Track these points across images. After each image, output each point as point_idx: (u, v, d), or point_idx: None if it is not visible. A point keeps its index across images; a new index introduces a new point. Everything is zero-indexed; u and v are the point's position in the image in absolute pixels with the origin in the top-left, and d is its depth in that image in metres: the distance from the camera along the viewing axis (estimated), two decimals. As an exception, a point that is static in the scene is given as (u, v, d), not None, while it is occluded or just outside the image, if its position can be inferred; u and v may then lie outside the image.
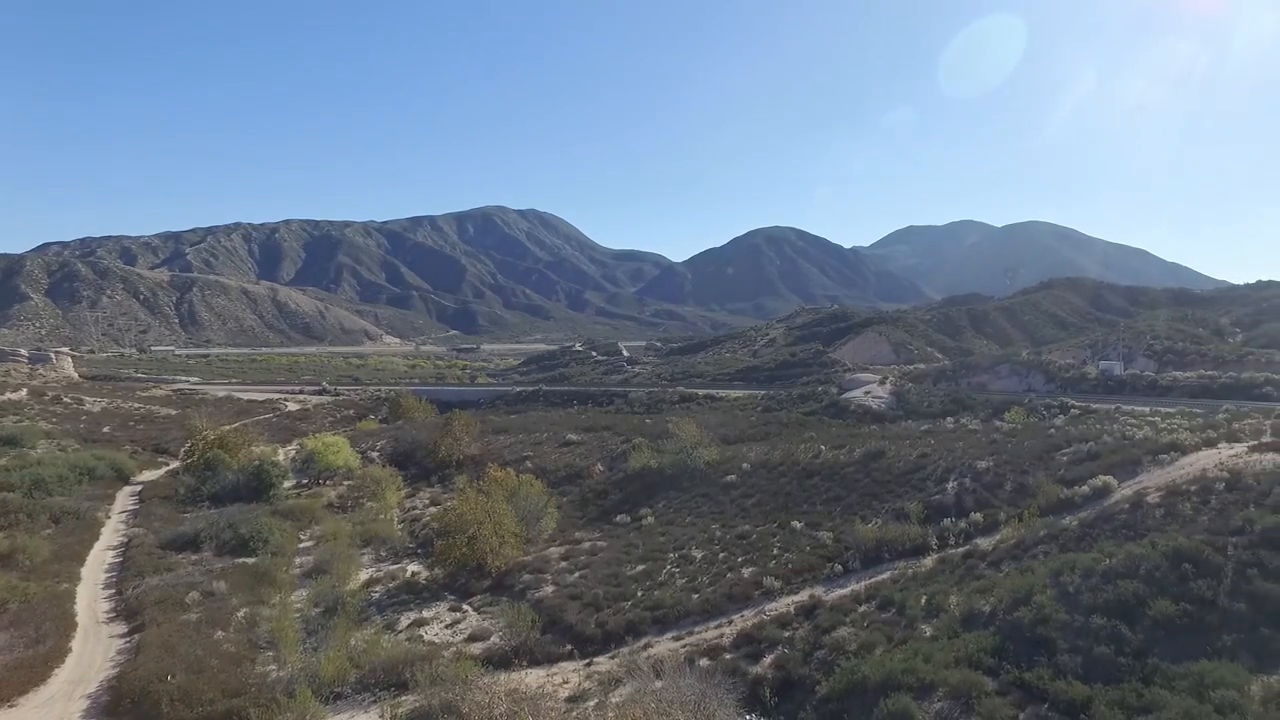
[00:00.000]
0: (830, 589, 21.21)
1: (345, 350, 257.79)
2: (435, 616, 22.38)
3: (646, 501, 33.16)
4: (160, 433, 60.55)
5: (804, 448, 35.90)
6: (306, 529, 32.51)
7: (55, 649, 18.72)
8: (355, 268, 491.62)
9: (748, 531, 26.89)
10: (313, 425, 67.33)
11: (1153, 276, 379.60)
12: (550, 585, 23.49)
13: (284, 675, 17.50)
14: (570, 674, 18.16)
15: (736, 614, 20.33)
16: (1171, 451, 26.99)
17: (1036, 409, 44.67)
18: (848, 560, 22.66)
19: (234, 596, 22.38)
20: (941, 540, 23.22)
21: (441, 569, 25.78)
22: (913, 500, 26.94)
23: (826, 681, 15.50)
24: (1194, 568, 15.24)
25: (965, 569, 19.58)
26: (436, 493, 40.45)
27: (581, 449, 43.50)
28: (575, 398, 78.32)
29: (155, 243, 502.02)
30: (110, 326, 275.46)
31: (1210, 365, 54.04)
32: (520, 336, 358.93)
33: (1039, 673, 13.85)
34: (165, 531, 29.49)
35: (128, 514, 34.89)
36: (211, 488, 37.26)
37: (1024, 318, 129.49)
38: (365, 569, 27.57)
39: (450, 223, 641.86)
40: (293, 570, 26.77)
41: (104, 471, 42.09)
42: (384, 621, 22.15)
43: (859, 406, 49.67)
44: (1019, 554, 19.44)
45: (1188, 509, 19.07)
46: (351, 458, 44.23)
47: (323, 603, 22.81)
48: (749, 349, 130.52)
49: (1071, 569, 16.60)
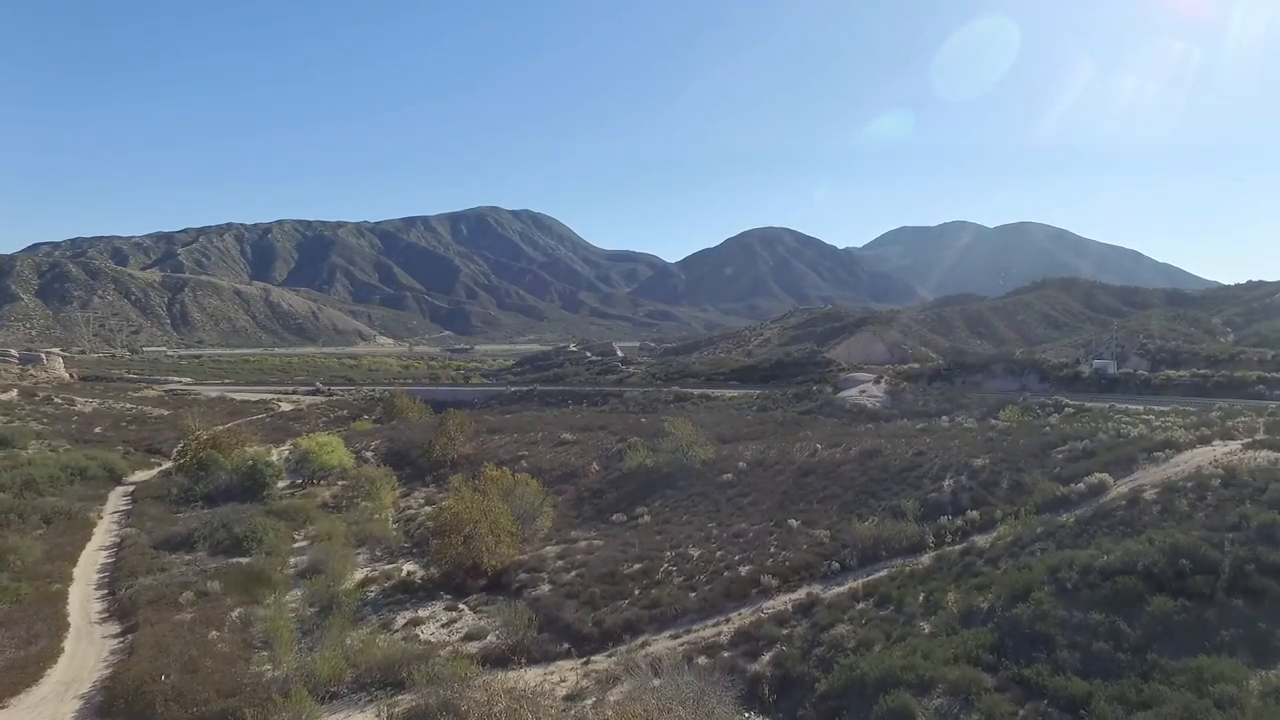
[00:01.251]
0: (828, 587, 21.18)
1: (339, 351, 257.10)
2: (431, 616, 22.25)
3: (643, 500, 33.08)
4: (153, 433, 60.19)
5: (800, 446, 35.88)
6: (301, 529, 32.31)
7: (47, 649, 18.52)
8: (348, 268, 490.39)
9: (744, 530, 26.83)
10: (306, 425, 67.03)
11: (1145, 277, 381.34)
12: (547, 584, 23.39)
13: (279, 675, 17.36)
14: (568, 672, 18.08)
15: (734, 612, 20.27)
16: (1166, 449, 27.06)
17: (1031, 407, 44.70)
18: (845, 558, 22.63)
19: (228, 596, 22.20)
20: (938, 538, 23.21)
21: (437, 568, 25.63)
22: (909, 498, 26.90)
23: (825, 679, 15.46)
24: (1191, 564, 15.26)
25: (963, 566, 19.57)
26: (431, 492, 40.29)
27: (577, 448, 43.40)
28: (570, 397, 78.15)
29: (147, 243, 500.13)
30: (101, 327, 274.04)
31: (1203, 364, 54.21)
32: (514, 337, 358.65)
33: (1038, 669, 13.84)
34: (158, 531, 29.25)
35: (120, 514, 34.61)
36: (205, 488, 37.00)
37: (1018, 318, 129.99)
38: (360, 569, 27.42)
39: (444, 223, 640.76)
40: (287, 570, 26.58)
41: (96, 472, 41.80)
42: (380, 621, 22.01)
43: (854, 405, 49.69)
44: (1017, 551, 19.43)
45: (1184, 505, 19.11)
46: (346, 457, 44.01)
47: (318, 602, 22.65)
48: (743, 349, 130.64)
49: (1069, 566, 16.60)
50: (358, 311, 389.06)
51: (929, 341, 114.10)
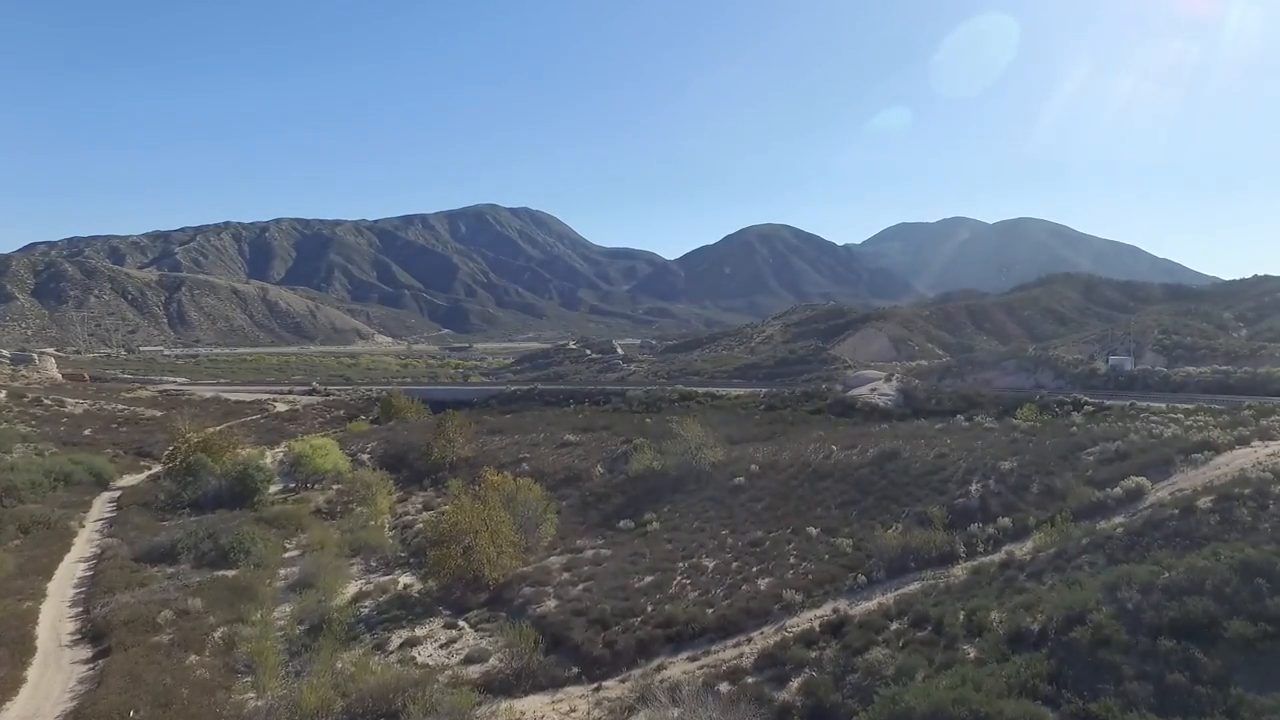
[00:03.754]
0: (854, 601, 19.74)
1: (337, 350, 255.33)
2: (429, 635, 20.75)
3: (650, 506, 31.60)
4: (144, 435, 58.59)
5: (814, 448, 34.44)
6: (292, 537, 30.82)
7: (8, 679, 16.96)
8: (346, 266, 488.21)
9: (760, 538, 25.37)
10: (302, 426, 65.50)
11: (1143, 272, 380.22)
12: (552, 599, 21.88)
13: (263, 705, 15.90)
14: (578, 700, 16.61)
15: (755, 630, 18.81)
16: (1204, 450, 25.69)
17: (1049, 406, 43.28)
18: (871, 570, 21.20)
19: (211, 614, 20.70)
20: (969, 547, 21.80)
21: (435, 581, 24.20)
22: (934, 504, 25.48)
23: (865, 712, 13.98)
24: (1268, 583, 13.81)
25: (1004, 581, 18.10)
26: (430, 497, 38.82)
27: (580, 450, 41.91)
28: (571, 397, 76.53)
29: (144, 242, 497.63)
30: (98, 327, 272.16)
31: (1222, 360, 52.87)
32: (513, 335, 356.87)
33: (1105, 703, 12.37)
34: (141, 542, 27.70)
35: (104, 522, 33.10)
36: (193, 493, 35.50)
37: (1023, 313, 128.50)
38: (354, 581, 25.93)
39: (442, 221, 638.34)
40: (276, 583, 25.12)
41: (81, 476, 40.31)
42: (373, 640, 20.52)
43: (866, 404, 48.22)
44: (1062, 564, 17.97)
45: (1245, 515, 17.66)
46: (341, 461, 42.51)
47: (307, 620, 21.19)
48: (746, 346, 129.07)
49: (1128, 583, 15.13)
50: (356, 310, 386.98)
51: (934, 337, 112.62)
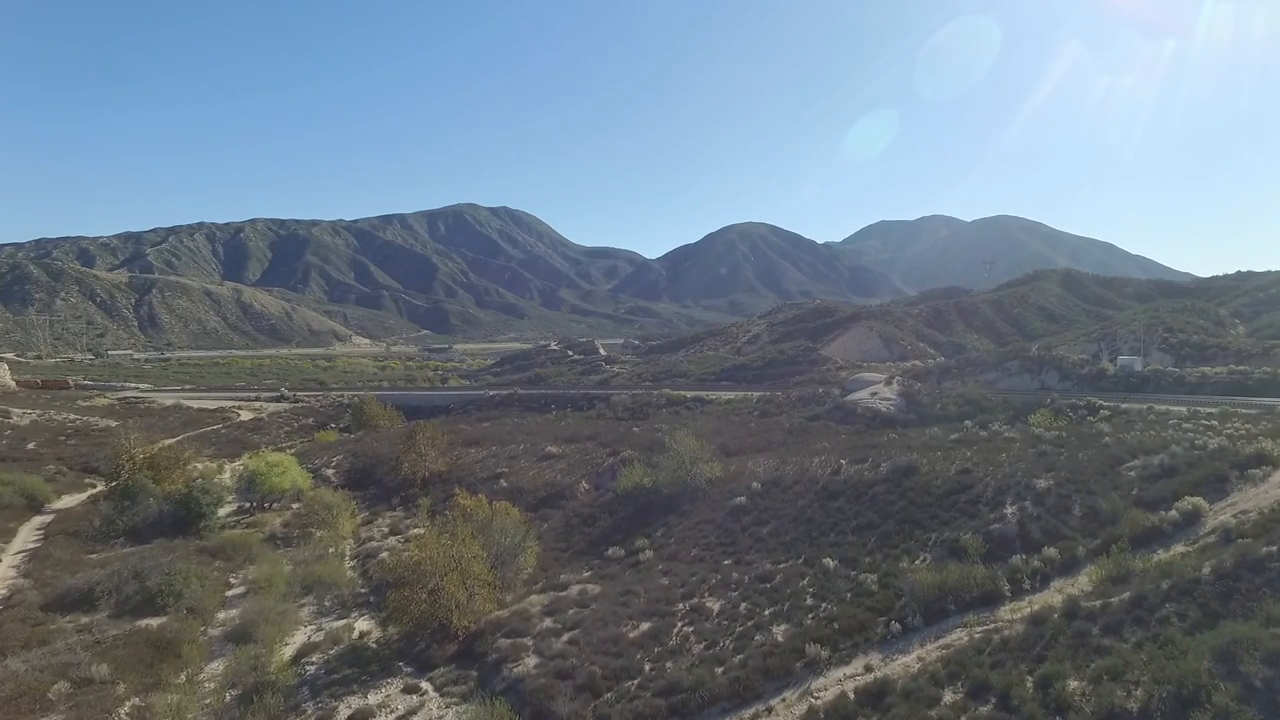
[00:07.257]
0: (889, 655, 16.70)
1: (313, 352, 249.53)
2: (384, 703, 17.33)
3: (642, 529, 28.42)
4: (94, 448, 54.42)
5: (819, 461, 31.40)
6: (239, 570, 27.31)
7: None
8: (323, 267, 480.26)
9: (770, 571, 22.28)
10: (266, 437, 61.65)
11: (1118, 268, 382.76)
12: (532, 655, 18.56)
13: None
14: (563, 798, 13.40)
15: (776, 697, 15.70)
16: (1261, 465, 23.00)
17: (1063, 410, 40.68)
18: (904, 614, 18.16)
19: (121, 681, 17.22)
20: (1014, 584, 18.84)
21: (396, 628, 20.84)
22: (964, 529, 22.55)
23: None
24: None
25: (1073, 635, 15.07)
26: (398, 518, 35.40)
27: (563, 464, 38.61)
28: (553, 401, 73.20)
29: (114, 243, 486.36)
30: (64, 330, 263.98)
31: (1233, 359, 50.60)
32: (494, 335, 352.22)
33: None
34: (57, 583, 24.01)
35: (26, 555, 29.30)
36: (130, 520, 31.70)
37: (1013, 310, 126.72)
38: (303, 627, 22.48)
39: (421, 221, 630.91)
40: (212, 630, 21.68)
41: (10, 499, 36.40)
42: (316, 713, 17.09)
43: (866, 410, 45.30)
44: (1143, 615, 14.98)
45: (1361, 554, 14.79)
46: (301, 478, 38.88)
47: (240, 684, 17.78)
48: (732, 346, 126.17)
49: (1250, 648, 12.18)
50: (333, 311, 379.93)
51: (925, 336, 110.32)
